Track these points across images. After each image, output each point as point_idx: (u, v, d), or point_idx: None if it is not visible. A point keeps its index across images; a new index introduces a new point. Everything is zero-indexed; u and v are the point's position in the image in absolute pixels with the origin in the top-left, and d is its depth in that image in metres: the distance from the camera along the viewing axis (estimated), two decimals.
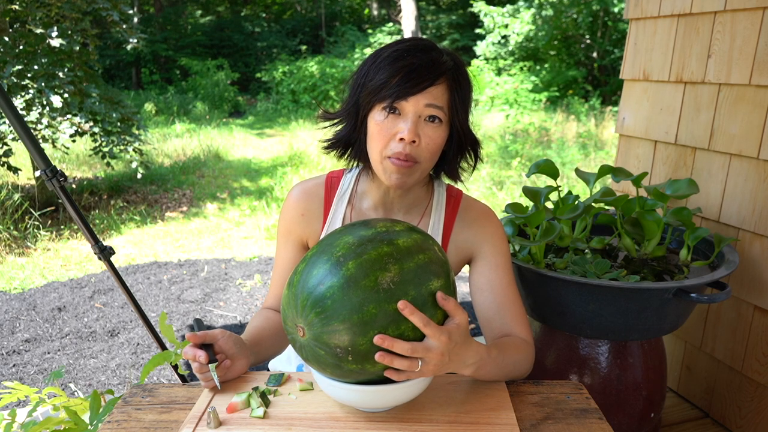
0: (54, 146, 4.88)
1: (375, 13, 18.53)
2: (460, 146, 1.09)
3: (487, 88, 11.24)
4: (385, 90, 0.98)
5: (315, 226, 1.16)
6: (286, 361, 1.35)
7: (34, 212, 4.86)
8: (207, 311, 3.29)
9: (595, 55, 12.03)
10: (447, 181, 1.19)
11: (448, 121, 1.03)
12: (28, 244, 4.44)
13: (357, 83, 1.04)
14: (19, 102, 4.39)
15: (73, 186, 6.07)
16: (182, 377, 1.86)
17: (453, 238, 1.15)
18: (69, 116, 4.70)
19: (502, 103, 10.50)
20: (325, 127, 1.12)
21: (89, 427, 1.12)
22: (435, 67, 0.99)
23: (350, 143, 1.09)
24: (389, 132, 1.00)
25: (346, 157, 1.12)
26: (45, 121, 4.54)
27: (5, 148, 4.47)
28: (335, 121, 1.11)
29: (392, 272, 0.79)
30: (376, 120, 1.01)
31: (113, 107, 4.95)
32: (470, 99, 1.07)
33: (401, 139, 0.99)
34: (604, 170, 1.59)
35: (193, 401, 0.98)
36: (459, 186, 1.19)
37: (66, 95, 4.55)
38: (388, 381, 0.84)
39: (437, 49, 1.02)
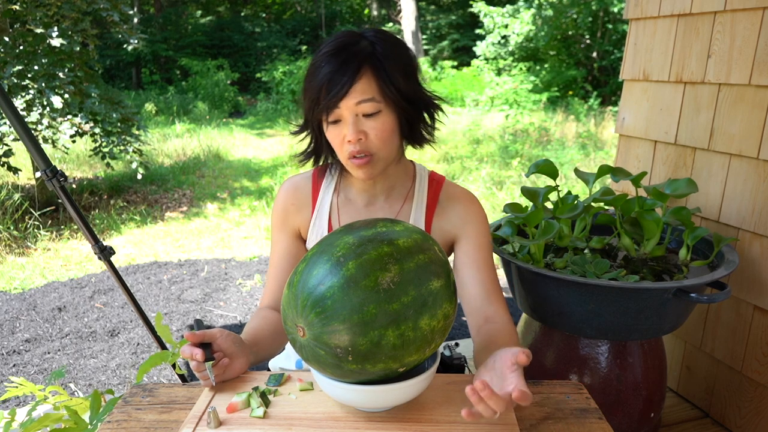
0: (54, 146, 4.88)
1: (375, 13, 18.53)
2: (412, 120, 1.10)
3: (487, 88, 11.24)
4: (318, 106, 1.04)
5: (305, 215, 1.22)
6: (285, 358, 1.35)
7: (34, 212, 4.87)
8: (207, 311, 3.29)
9: (594, 55, 12.03)
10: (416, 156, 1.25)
11: (389, 105, 1.04)
12: (29, 244, 4.44)
13: (302, 100, 1.10)
14: (19, 102, 4.39)
15: (74, 186, 6.07)
16: (182, 377, 1.86)
17: (436, 220, 1.20)
18: (69, 117, 4.70)
19: (502, 103, 10.50)
20: (302, 142, 1.19)
21: (89, 426, 1.12)
22: (349, 64, 1.01)
23: (320, 152, 1.16)
24: (339, 138, 1.06)
25: (321, 162, 1.19)
26: (45, 121, 4.54)
27: (5, 148, 4.47)
28: (299, 132, 1.17)
29: (392, 272, 0.79)
30: (328, 131, 1.08)
31: (113, 107, 4.95)
32: (407, 65, 1.07)
33: (349, 141, 1.04)
34: (604, 170, 1.59)
35: (193, 401, 0.98)
36: (441, 172, 1.26)
37: (66, 95, 4.55)
38: (388, 381, 0.84)
39: (353, 41, 1.03)
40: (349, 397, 0.86)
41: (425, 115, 1.12)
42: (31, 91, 4.42)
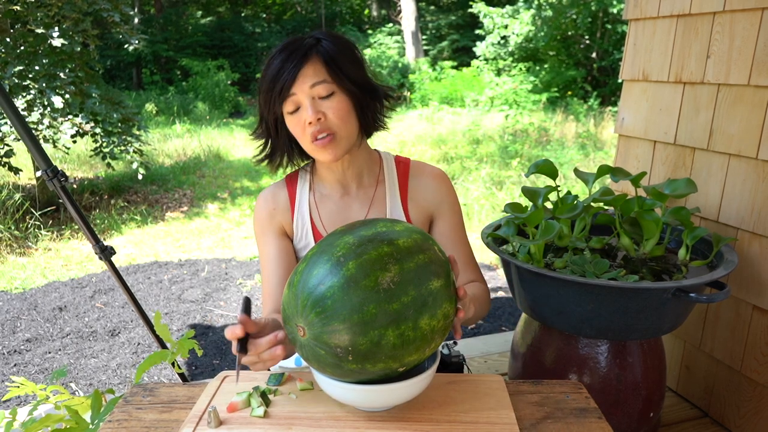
0: (55, 146, 4.89)
1: (375, 13, 18.53)
2: (366, 103, 1.17)
3: (486, 89, 11.24)
4: (272, 98, 1.11)
5: (287, 218, 1.28)
6: None
7: (35, 212, 4.87)
8: (207, 311, 3.29)
9: (594, 55, 12.03)
10: (399, 151, 1.29)
11: (342, 88, 1.11)
12: (29, 243, 4.44)
13: (258, 102, 1.18)
14: (20, 102, 4.40)
15: (74, 186, 6.08)
16: (182, 376, 1.86)
17: (411, 198, 1.26)
18: (70, 117, 4.70)
19: (502, 103, 10.50)
20: (258, 147, 1.26)
21: (90, 426, 1.13)
22: (294, 54, 1.09)
23: (276, 151, 1.24)
24: (300, 125, 1.12)
25: (276, 163, 1.25)
26: (46, 121, 4.55)
27: (6, 148, 4.48)
28: (259, 136, 1.24)
29: (392, 272, 0.79)
30: (288, 121, 1.14)
31: (114, 108, 4.95)
32: (354, 57, 1.15)
33: (309, 123, 1.09)
34: (603, 170, 1.59)
35: (194, 401, 0.98)
36: (408, 155, 1.33)
37: (67, 96, 4.56)
38: (388, 380, 0.84)
39: (298, 39, 1.12)
40: (349, 397, 0.86)
41: (377, 104, 1.20)
42: (32, 91, 4.42)
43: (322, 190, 1.28)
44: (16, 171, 4.57)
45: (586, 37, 12.01)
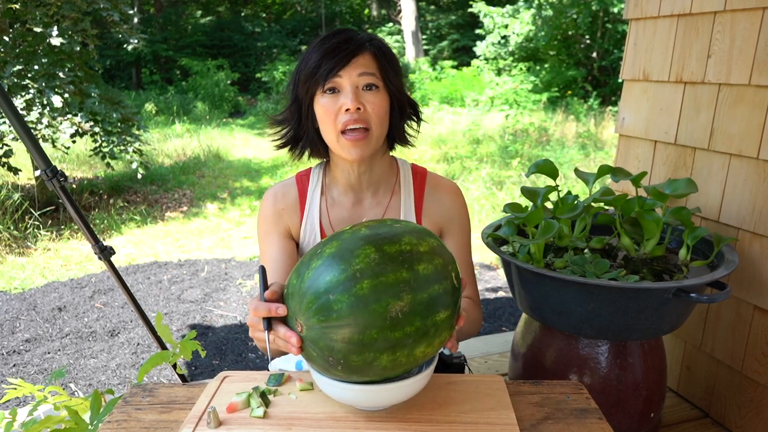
0: (54, 146, 4.89)
1: (375, 13, 18.53)
2: (402, 110, 1.16)
3: (487, 89, 11.24)
4: (318, 74, 1.07)
5: (295, 220, 1.23)
6: (284, 359, 1.35)
7: (34, 212, 4.87)
8: (207, 311, 3.29)
9: (594, 55, 12.03)
10: (398, 151, 1.28)
11: (385, 88, 1.10)
12: (29, 244, 4.44)
13: (292, 80, 1.14)
14: (19, 102, 4.39)
15: (74, 186, 6.07)
16: (182, 377, 1.86)
17: (425, 211, 1.24)
18: (69, 116, 4.70)
19: (502, 103, 10.50)
20: (277, 132, 1.20)
21: (89, 426, 1.12)
22: (353, 41, 1.08)
23: (299, 137, 1.18)
24: (334, 109, 1.07)
25: (298, 151, 1.20)
26: (45, 121, 4.54)
27: (5, 148, 4.47)
28: (282, 120, 1.19)
29: (404, 302, 0.78)
30: (321, 104, 1.09)
31: (113, 107, 4.95)
32: (399, 66, 1.15)
33: (347, 110, 1.06)
34: (604, 170, 1.59)
35: (193, 401, 0.98)
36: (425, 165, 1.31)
37: (66, 95, 4.56)
38: (384, 381, 0.84)
39: (354, 30, 1.11)
40: (347, 396, 0.86)
41: (411, 116, 1.19)
42: (31, 91, 4.42)
43: (334, 194, 1.23)
44: (15, 171, 4.57)
45: (587, 36, 12.01)
